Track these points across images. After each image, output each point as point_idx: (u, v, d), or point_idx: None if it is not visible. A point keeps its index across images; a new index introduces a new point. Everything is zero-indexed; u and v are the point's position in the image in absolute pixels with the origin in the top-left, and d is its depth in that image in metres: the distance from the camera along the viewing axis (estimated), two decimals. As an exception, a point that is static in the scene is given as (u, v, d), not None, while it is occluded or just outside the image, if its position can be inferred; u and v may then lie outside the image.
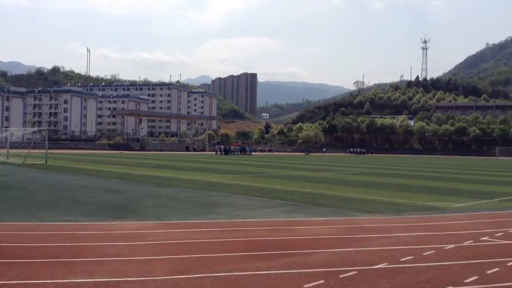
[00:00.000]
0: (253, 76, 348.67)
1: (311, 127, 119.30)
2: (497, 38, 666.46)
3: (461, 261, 7.19)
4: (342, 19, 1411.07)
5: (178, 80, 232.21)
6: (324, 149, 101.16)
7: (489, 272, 6.53)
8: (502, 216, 12.49)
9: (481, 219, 11.81)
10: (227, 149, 75.33)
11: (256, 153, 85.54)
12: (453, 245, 8.30)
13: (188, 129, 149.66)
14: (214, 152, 75.54)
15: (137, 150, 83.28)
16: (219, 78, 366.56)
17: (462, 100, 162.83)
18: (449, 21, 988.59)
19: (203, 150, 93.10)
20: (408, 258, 7.33)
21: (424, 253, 7.66)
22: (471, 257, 7.50)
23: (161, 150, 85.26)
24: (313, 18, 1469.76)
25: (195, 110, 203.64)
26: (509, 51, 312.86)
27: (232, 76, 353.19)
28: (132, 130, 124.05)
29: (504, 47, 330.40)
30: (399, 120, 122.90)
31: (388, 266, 6.78)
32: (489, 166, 48.49)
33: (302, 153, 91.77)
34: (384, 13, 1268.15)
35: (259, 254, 7.42)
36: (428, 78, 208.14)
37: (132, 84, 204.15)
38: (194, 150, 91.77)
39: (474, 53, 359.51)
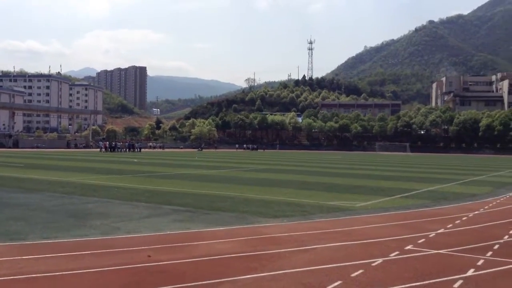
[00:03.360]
0: (142, 69, 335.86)
1: (204, 123, 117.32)
2: (374, 42, 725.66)
3: (399, 286, 5.78)
4: (229, 16, 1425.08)
5: (58, 72, 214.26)
6: (236, 145, 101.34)
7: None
8: (410, 216, 11.72)
9: (392, 221, 10.86)
10: (114, 145, 70.23)
11: (146, 150, 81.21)
12: (380, 260, 6.95)
13: (70, 125, 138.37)
14: (99, 149, 69.94)
15: (9, 148, 74.12)
16: (105, 71, 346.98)
17: (344, 99, 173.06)
18: (331, 24, 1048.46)
19: (86, 147, 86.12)
20: (337, 284, 5.74)
21: (353, 274, 6.15)
22: (406, 277, 6.16)
23: (38, 147, 76.89)
24: (199, 13, 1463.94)
25: (78, 104, 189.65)
26: (384, 54, 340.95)
27: (119, 69, 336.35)
28: (4, 125, 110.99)
29: (380, 50, 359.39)
30: (288, 117, 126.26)
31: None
32: (375, 161, 50.83)
33: (196, 149, 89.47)
34: (269, 12, 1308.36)
35: (140, 294, 5.29)
36: (313, 78, 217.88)
37: (5, 75, 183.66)
38: (76, 147, 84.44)
39: (354, 55, 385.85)
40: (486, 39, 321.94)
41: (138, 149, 70.53)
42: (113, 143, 74.70)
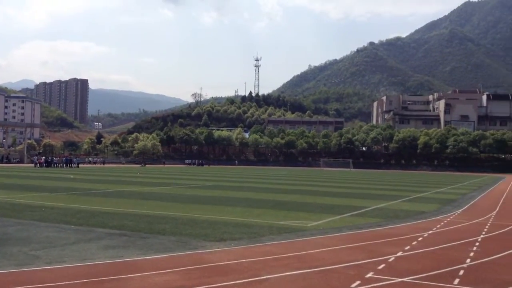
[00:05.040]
0: (84, 82, 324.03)
1: (148, 137, 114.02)
2: (317, 61, 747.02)
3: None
4: (174, 31, 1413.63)
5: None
6: (188, 161, 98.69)
7: None
8: (365, 237, 11.08)
9: (347, 243, 10.14)
10: (49, 160, 66.19)
11: (85, 165, 77.37)
12: (342, 292, 6.12)
13: (4, 139, 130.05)
14: (33, 165, 65.67)
15: None
16: (44, 83, 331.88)
17: (290, 116, 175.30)
18: (275, 42, 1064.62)
19: (20, 161, 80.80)
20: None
21: (314, 313, 5.26)
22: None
23: (-35, 162, 71.09)
24: (143, 27, 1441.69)
25: (14, 117, 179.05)
26: (328, 73, 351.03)
27: (59, 81, 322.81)
28: None
29: (323, 70, 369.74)
30: (235, 133, 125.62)
31: None
32: (320, 177, 50.90)
33: (139, 165, 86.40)
34: (214, 28, 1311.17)
35: None
36: (260, 94, 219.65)
37: None
38: (9, 161, 78.98)
39: (299, 73, 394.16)
40: (422, 61, 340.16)
41: (76, 164, 66.93)
42: (49, 158, 70.49)
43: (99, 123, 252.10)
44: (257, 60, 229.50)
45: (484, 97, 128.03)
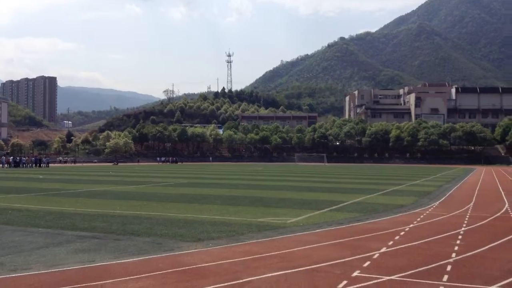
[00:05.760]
0: (52, 80, 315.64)
1: (120, 135, 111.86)
2: (290, 56, 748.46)
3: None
4: (142, 26, 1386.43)
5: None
6: (163, 158, 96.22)
7: None
8: (346, 233, 10.83)
9: (329, 239, 9.86)
10: (18, 160, 64.07)
11: (55, 164, 75.26)
12: (330, 293, 5.80)
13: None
14: (1, 165, 63.42)
15: None
16: (11, 81, 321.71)
17: (263, 111, 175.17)
18: (247, 38, 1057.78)
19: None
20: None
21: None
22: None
23: None
24: (111, 22, 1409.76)
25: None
26: (300, 68, 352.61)
27: (26, 79, 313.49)
28: None
29: (295, 65, 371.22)
30: (209, 129, 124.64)
31: None
32: (296, 172, 50.82)
33: (111, 164, 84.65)
34: (184, 23, 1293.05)
35: None
36: (233, 90, 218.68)
37: None
38: (-26, 163, 76.01)
39: (271, 68, 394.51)
40: (392, 55, 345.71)
41: (46, 164, 64.99)
42: (17, 158, 68.24)
43: (69, 122, 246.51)
44: (229, 55, 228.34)
45: (453, 90, 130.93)
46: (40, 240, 9.58)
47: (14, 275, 6.83)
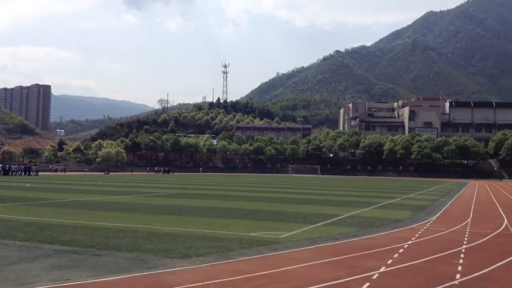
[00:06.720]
0: (46, 88, 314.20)
1: (112, 144, 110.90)
2: (285, 68, 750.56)
3: None
4: (139, 36, 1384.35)
5: None
6: (155, 168, 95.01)
7: None
8: (342, 249, 10.26)
9: (325, 257, 9.26)
10: (7, 168, 63.01)
11: (46, 173, 74.14)
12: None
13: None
14: (-11, 173, 62.27)
15: None
16: (5, 89, 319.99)
17: (258, 122, 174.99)
18: (243, 49, 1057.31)
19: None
20: None
21: None
22: None
23: None
24: (108, 32, 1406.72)
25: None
26: (295, 80, 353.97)
27: (21, 87, 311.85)
28: None
29: (291, 77, 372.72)
30: (203, 139, 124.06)
31: None
32: (289, 184, 50.23)
33: (102, 173, 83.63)
34: (180, 34, 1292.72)
35: None
36: (228, 101, 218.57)
37: None
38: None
39: (267, 80, 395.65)
40: (387, 69, 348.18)
41: (35, 172, 63.96)
42: (7, 165, 67.15)
43: (62, 130, 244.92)
44: (225, 66, 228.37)
45: (447, 105, 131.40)
46: (15, 254, 8.92)
47: (-22, 294, 6.19)
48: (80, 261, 8.38)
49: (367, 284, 7.00)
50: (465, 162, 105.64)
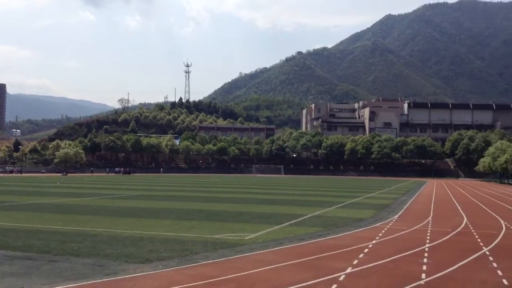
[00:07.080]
0: (1, 87, 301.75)
1: (70, 144, 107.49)
2: (248, 69, 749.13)
3: None
4: (97, 34, 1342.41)
5: None
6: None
7: None
8: (308, 250, 10.17)
9: (290, 258, 9.13)
10: (-43, 170, 59.89)
11: (1, 174, 71.01)
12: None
13: None
14: None
15: None
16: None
17: (222, 122, 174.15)
18: (204, 49, 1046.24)
19: None
20: None
21: None
22: None
23: None
24: (64, 30, 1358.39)
25: None
26: (258, 80, 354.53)
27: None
28: None
29: (254, 77, 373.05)
30: (165, 140, 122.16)
31: None
32: (253, 184, 50.10)
33: (60, 174, 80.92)
34: (140, 32, 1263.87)
35: None
36: (191, 100, 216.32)
37: None
38: None
39: (230, 80, 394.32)
40: (347, 71, 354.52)
41: (-12, 174, 61.09)
42: (-44, 167, 63.83)
43: (18, 130, 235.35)
44: (187, 66, 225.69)
45: (406, 106, 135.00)
46: (-39, 263, 8.31)
47: None
48: (34, 268, 7.90)
49: (335, 286, 6.90)
50: (423, 161, 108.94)
